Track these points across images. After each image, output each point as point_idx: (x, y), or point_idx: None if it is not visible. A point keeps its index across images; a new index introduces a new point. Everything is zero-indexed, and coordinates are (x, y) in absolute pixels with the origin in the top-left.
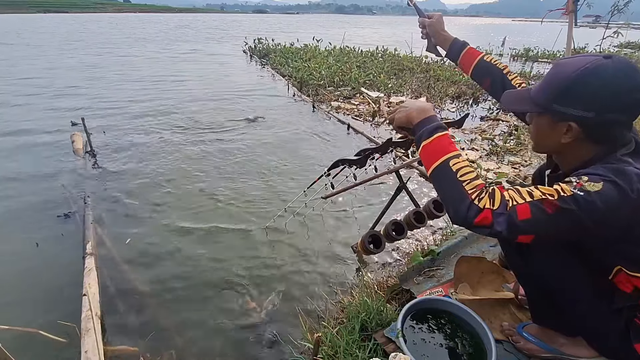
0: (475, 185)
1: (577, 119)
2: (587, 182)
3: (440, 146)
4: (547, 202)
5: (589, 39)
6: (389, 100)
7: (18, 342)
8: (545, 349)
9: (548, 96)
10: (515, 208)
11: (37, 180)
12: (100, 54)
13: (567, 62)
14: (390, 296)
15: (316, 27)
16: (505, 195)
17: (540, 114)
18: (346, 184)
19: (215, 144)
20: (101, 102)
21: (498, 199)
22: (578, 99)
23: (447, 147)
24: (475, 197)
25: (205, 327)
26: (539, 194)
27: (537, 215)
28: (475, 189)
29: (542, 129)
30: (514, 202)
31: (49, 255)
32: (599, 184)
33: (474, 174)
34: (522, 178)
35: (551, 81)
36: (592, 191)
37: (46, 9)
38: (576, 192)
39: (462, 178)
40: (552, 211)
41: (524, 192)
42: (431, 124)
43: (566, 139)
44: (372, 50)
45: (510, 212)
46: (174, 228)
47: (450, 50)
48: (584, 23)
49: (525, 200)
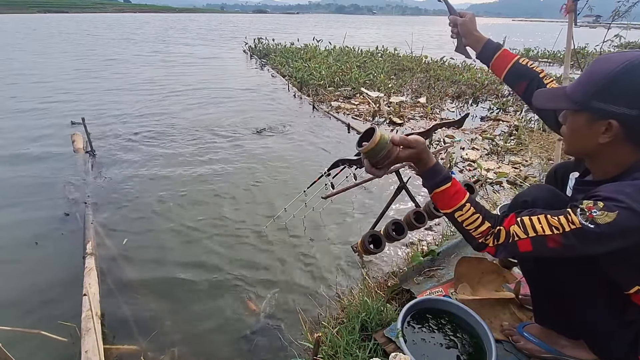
0: (481, 231)
1: (618, 116)
2: (601, 211)
3: (444, 200)
4: (550, 238)
5: (589, 39)
6: (389, 100)
7: (18, 342)
8: (545, 349)
9: (587, 92)
10: (516, 243)
11: (37, 180)
12: (104, 53)
13: (609, 57)
14: (390, 296)
15: (314, 28)
16: (511, 231)
17: (577, 111)
18: (346, 184)
19: (215, 145)
20: (102, 101)
21: (503, 236)
22: (620, 95)
23: (450, 201)
24: (482, 239)
25: (205, 327)
26: (544, 228)
27: (538, 248)
28: (481, 235)
29: (578, 129)
30: (516, 237)
31: (49, 255)
32: (613, 213)
33: (478, 221)
34: (523, 178)
35: (591, 77)
36: (603, 224)
37: (46, 9)
38: (586, 224)
39: (468, 227)
40: (553, 246)
41: (529, 226)
42: (434, 178)
43: (604, 138)
44: (372, 50)
45: (511, 246)
46: (174, 228)
47: (482, 52)
48: (584, 23)
49: (529, 235)
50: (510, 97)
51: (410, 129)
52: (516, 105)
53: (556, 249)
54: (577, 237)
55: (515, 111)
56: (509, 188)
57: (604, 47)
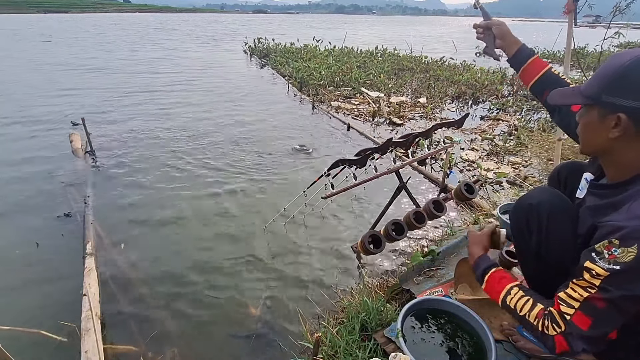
0: (536, 315)
1: (627, 110)
2: (620, 248)
3: (493, 286)
4: (593, 298)
5: (589, 39)
6: (389, 100)
7: (18, 343)
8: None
9: (598, 87)
10: (572, 321)
11: (37, 180)
12: (108, 51)
13: (622, 53)
14: (390, 296)
15: (313, 30)
16: (561, 309)
17: (589, 107)
18: (346, 184)
19: (215, 146)
20: (102, 101)
21: (558, 318)
22: (629, 89)
23: (497, 286)
24: (542, 327)
25: (205, 327)
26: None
27: (596, 316)
28: (537, 319)
29: (590, 123)
30: (567, 314)
31: (49, 256)
32: (632, 248)
33: (529, 303)
34: (522, 178)
35: (602, 72)
36: (629, 261)
37: (46, 9)
38: (612, 267)
39: (522, 313)
40: (601, 307)
41: (569, 298)
42: (480, 269)
43: (614, 133)
44: (371, 50)
45: (573, 330)
46: (174, 228)
47: (515, 56)
48: (584, 23)
49: (575, 307)
50: (510, 97)
51: (410, 129)
52: (516, 106)
53: (605, 308)
54: (613, 285)
55: (515, 111)
56: (508, 188)
57: (604, 45)
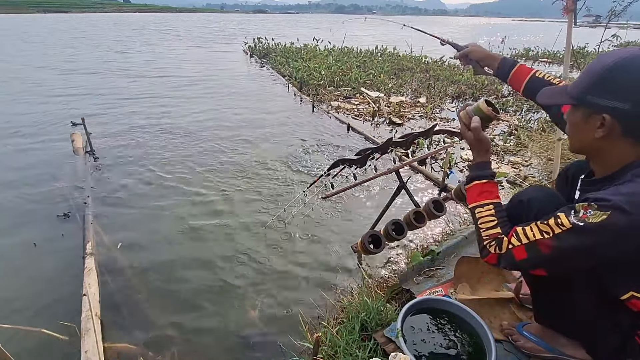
0: (489, 234)
1: (611, 110)
2: (595, 211)
3: (473, 194)
4: (542, 243)
5: (589, 39)
6: (389, 100)
7: (18, 343)
8: (545, 348)
9: (583, 88)
10: (512, 251)
11: (37, 180)
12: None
13: (607, 54)
14: (390, 296)
15: (314, 31)
16: (511, 239)
17: (575, 106)
18: (346, 184)
19: (215, 146)
20: (102, 101)
21: (505, 244)
22: (613, 90)
23: (477, 196)
24: (487, 243)
25: (205, 327)
26: (535, 234)
27: (533, 255)
28: (488, 237)
29: (576, 123)
30: (511, 245)
31: (49, 255)
32: (605, 213)
33: (491, 223)
34: (522, 178)
35: (588, 73)
36: (595, 222)
37: (46, 9)
38: (577, 224)
39: (481, 226)
40: (547, 251)
41: (522, 233)
42: (475, 171)
43: (599, 133)
44: (371, 50)
45: (509, 255)
46: (174, 228)
47: (499, 70)
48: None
49: (522, 242)
50: (510, 97)
51: (410, 129)
52: (516, 105)
53: (549, 255)
54: (569, 238)
55: (515, 111)
56: (508, 188)
57: (603, 46)
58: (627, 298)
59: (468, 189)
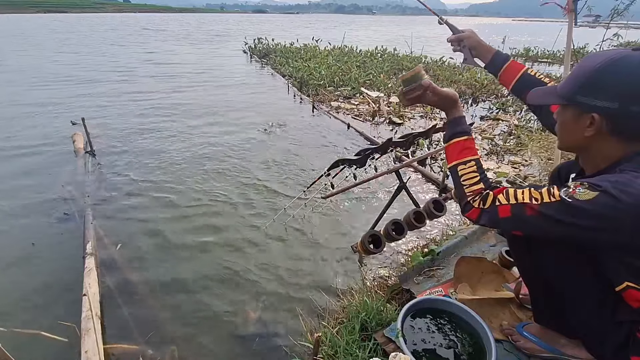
0: (473, 190)
1: (600, 110)
2: (585, 189)
3: (453, 152)
4: (529, 206)
5: (589, 39)
6: (389, 100)
7: (18, 343)
8: (545, 348)
9: (572, 88)
10: (497, 208)
11: (37, 180)
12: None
13: (596, 54)
14: (390, 296)
15: (307, 29)
16: (497, 196)
17: (565, 106)
18: (346, 184)
19: (215, 146)
20: (101, 101)
21: (490, 200)
22: (602, 90)
23: (459, 154)
24: (471, 199)
25: (205, 326)
26: (525, 197)
27: (517, 216)
28: (472, 193)
29: (566, 122)
30: (498, 202)
31: (49, 255)
32: (593, 192)
33: (475, 179)
34: (522, 177)
35: (577, 73)
36: (581, 199)
37: (46, 9)
38: (565, 198)
39: (464, 183)
40: (530, 214)
41: (512, 194)
42: (453, 129)
43: (589, 132)
44: (371, 50)
45: (493, 211)
46: (174, 228)
47: (491, 63)
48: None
49: (509, 202)
50: (510, 97)
51: (410, 129)
52: (516, 105)
53: (533, 217)
54: (555, 208)
55: (515, 111)
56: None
57: (604, 46)
58: (623, 288)
59: (447, 147)
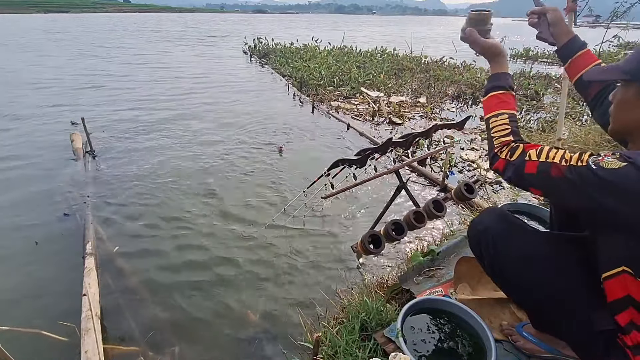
0: (502, 141)
1: None
2: (613, 158)
3: (489, 105)
4: (555, 166)
5: (589, 39)
6: (389, 100)
7: (18, 343)
8: (545, 349)
9: (638, 62)
10: (525, 162)
11: (37, 180)
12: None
13: None
14: (390, 296)
15: (310, 30)
16: (529, 151)
17: (627, 84)
18: (346, 184)
19: (215, 146)
20: (101, 101)
21: (518, 152)
22: None
23: (493, 107)
24: (498, 150)
25: (205, 327)
26: (556, 157)
27: (541, 174)
28: (500, 144)
29: (626, 100)
30: (527, 157)
31: (49, 255)
32: (621, 163)
33: (505, 131)
34: None
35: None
36: (607, 168)
37: (46, 9)
38: (591, 165)
39: (494, 134)
40: (555, 174)
41: (545, 152)
42: (491, 83)
43: None
44: (371, 50)
45: (519, 164)
46: (174, 229)
47: (566, 46)
48: (583, 23)
49: (539, 159)
50: None
51: (410, 129)
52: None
53: (557, 177)
54: (580, 173)
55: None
56: (508, 188)
57: (604, 47)
58: (615, 273)
59: (484, 101)
